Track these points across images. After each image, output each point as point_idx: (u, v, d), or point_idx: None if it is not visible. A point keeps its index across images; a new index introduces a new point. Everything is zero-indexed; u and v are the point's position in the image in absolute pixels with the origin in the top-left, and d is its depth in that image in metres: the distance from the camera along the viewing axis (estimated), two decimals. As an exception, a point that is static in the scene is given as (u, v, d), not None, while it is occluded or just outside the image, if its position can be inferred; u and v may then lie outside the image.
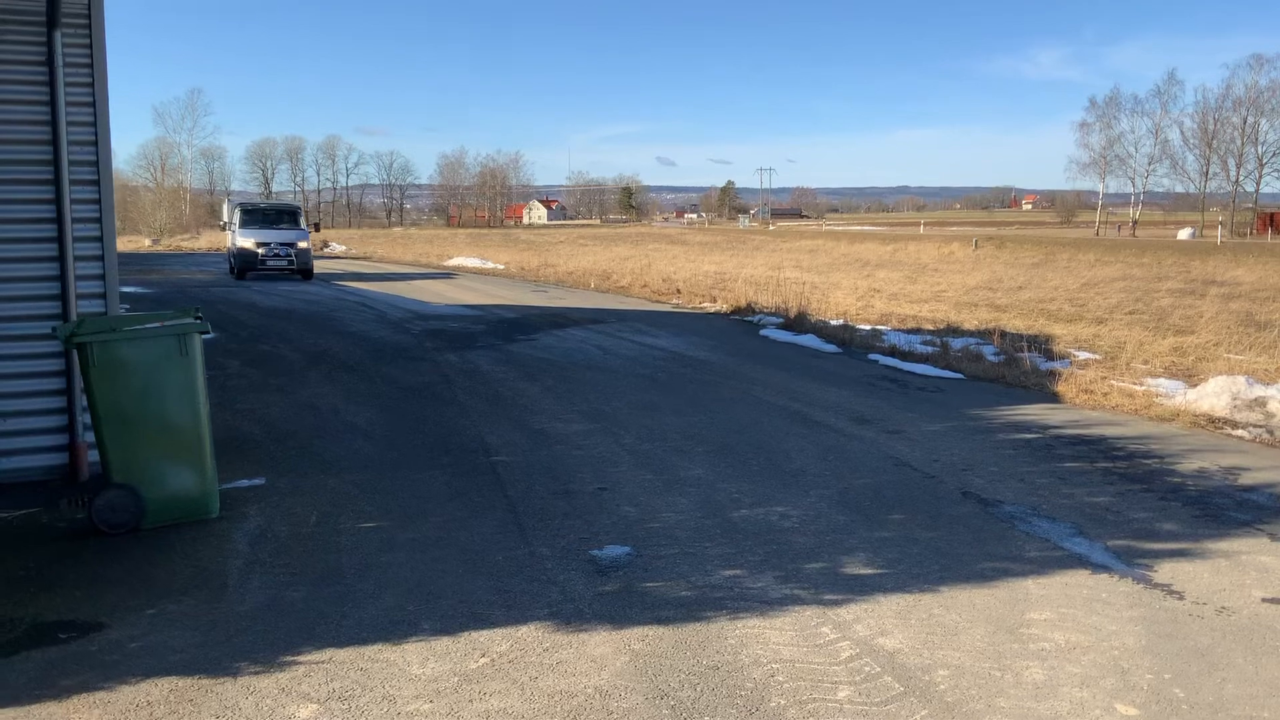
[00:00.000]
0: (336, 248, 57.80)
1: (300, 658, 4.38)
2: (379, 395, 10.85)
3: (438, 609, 4.93)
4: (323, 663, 4.34)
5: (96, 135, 7.07)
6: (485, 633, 4.66)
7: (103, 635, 4.62)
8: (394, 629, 4.69)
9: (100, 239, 7.14)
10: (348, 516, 6.44)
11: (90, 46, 7.02)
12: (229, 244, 31.42)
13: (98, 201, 7.12)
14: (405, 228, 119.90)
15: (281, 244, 28.75)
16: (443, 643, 4.55)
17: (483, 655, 4.42)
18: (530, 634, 4.65)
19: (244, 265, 28.76)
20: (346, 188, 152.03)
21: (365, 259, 47.90)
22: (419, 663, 4.35)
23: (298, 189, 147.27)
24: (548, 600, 5.05)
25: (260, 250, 28.56)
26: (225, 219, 32.01)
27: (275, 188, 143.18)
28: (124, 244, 56.91)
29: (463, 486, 7.17)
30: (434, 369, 12.60)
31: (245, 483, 7.19)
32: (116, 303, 7.24)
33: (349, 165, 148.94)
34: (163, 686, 4.12)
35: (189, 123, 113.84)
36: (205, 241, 62.78)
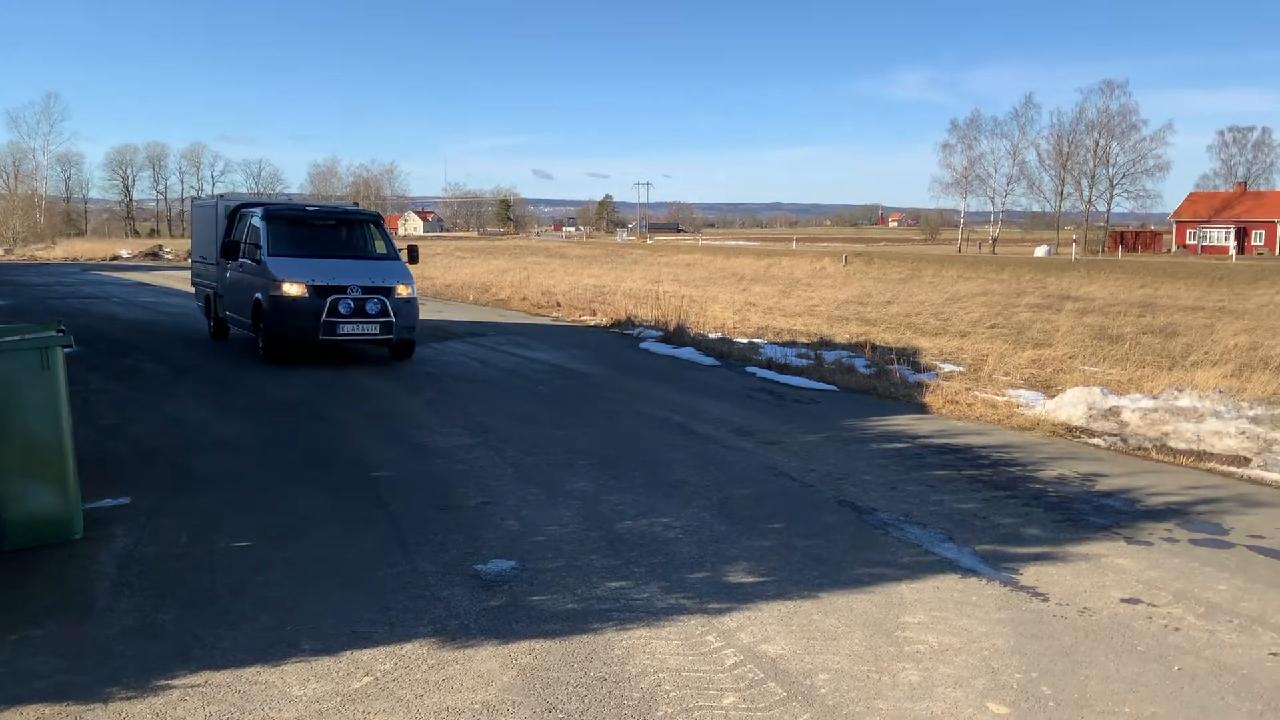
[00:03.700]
0: (202, 258, 55.85)
1: (175, 681, 4.23)
2: (251, 410, 10.56)
3: (318, 629, 4.83)
4: (198, 686, 4.20)
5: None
6: (368, 651, 4.58)
7: (-42, 665, 4.38)
8: (272, 650, 4.57)
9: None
10: (220, 536, 6.25)
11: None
12: (215, 275, 16.93)
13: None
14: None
15: (367, 290, 14.11)
16: (324, 663, 4.46)
17: (366, 674, 4.35)
18: (414, 651, 4.59)
19: (290, 329, 13.87)
20: (213, 196, 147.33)
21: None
22: (299, 684, 4.25)
23: (160, 197, 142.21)
24: (432, 617, 4.99)
25: (328, 301, 13.76)
26: (230, 238, 16.12)
27: (136, 196, 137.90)
28: (-29, 253, 54.02)
29: (341, 503, 7.03)
30: (309, 382, 12.33)
31: (110, 502, 6.91)
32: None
33: (215, 173, 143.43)
34: (27, 715, 3.93)
35: (44, 128, 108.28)
36: (61, 251, 60.13)
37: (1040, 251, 79.02)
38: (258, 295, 14.31)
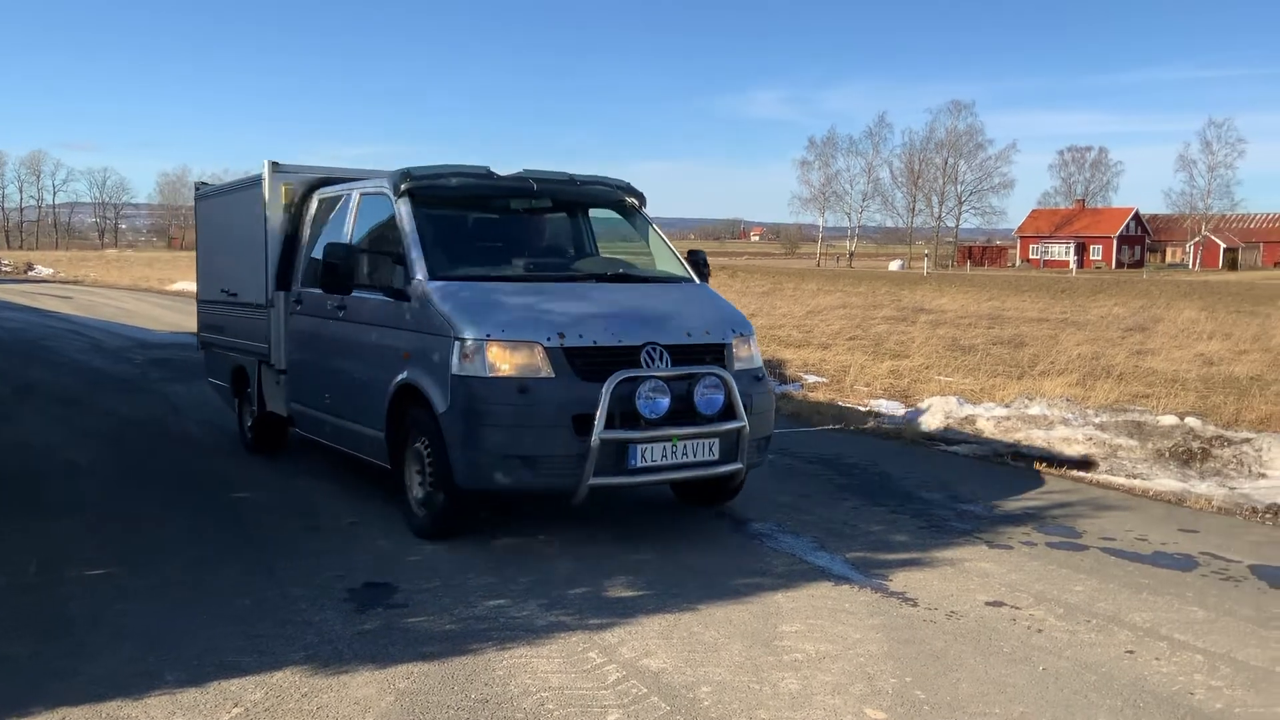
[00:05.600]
0: (42, 270, 53.45)
1: (29, 718, 3.99)
2: (101, 431, 10.07)
3: (182, 659, 4.61)
4: (53, 725, 3.96)
5: None
6: (237, 681, 4.39)
7: None
8: (134, 683, 4.34)
9: None
10: (73, 564, 5.93)
11: None
12: (265, 328, 8.22)
13: None
14: (120, 249, 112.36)
15: (681, 356, 6.35)
16: (189, 694, 4.25)
17: (235, 705, 4.17)
18: (286, 679, 4.42)
19: (507, 464, 5.95)
20: (54, 206, 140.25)
21: (76, 283, 44.47)
22: (164, 717, 4.04)
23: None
24: (303, 643, 4.83)
25: (608, 389, 5.86)
26: (339, 244, 7.02)
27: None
28: None
29: (203, 526, 6.76)
30: (162, 401, 11.84)
31: (-53, 531, 6.49)
32: None
33: (56, 182, 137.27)
34: None
35: None
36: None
37: (894, 266, 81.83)
38: (404, 376, 6.54)
